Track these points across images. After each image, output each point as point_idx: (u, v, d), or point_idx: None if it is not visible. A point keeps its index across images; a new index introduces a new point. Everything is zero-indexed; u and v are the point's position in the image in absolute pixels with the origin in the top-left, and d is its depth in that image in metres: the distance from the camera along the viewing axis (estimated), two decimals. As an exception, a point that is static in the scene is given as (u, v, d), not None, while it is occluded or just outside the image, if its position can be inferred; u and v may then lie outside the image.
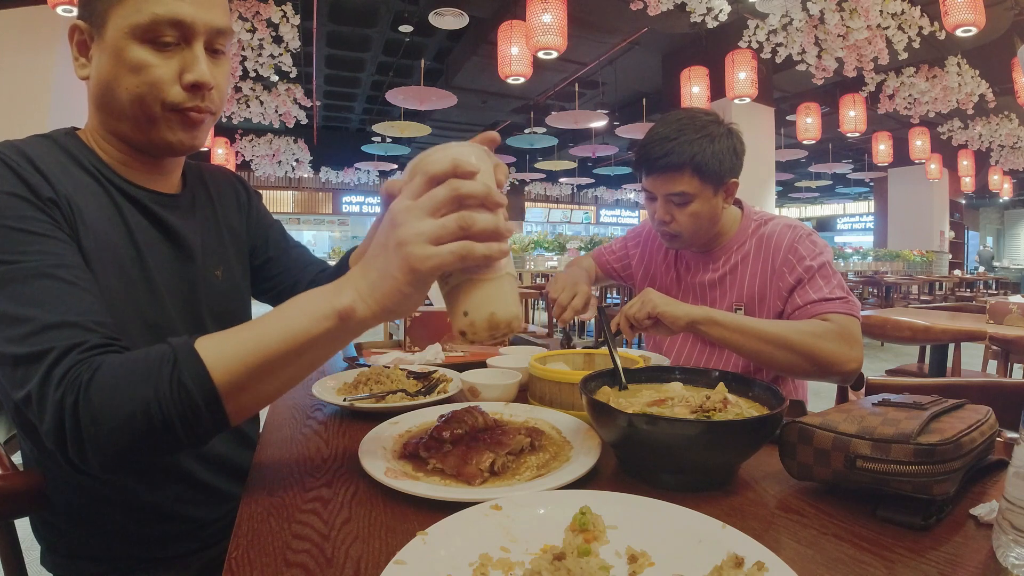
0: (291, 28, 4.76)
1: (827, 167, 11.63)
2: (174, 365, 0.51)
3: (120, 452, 0.51)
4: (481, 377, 1.04)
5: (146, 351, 0.54)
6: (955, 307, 3.06)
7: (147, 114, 0.70)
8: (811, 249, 1.18)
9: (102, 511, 0.77)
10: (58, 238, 0.62)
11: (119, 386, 0.50)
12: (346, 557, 0.51)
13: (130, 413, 0.50)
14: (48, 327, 0.54)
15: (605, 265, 1.57)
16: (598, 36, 6.42)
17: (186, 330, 0.73)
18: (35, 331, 0.54)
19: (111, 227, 0.71)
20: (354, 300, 0.54)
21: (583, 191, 17.48)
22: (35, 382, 0.52)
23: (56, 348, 0.53)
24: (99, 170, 0.73)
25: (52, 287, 0.57)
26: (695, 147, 1.15)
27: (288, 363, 0.54)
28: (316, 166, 12.24)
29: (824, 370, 1.06)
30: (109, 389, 0.50)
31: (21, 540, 0.78)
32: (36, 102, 4.24)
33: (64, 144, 0.73)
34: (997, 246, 17.72)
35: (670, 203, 1.21)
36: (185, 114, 0.71)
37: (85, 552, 0.80)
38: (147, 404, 0.50)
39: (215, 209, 0.89)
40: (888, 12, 4.49)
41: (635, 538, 0.51)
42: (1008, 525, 0.49)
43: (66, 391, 0.51)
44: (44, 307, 0.55)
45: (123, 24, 0.67)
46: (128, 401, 0.50)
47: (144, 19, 0.66)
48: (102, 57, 0.69)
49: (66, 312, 0.56)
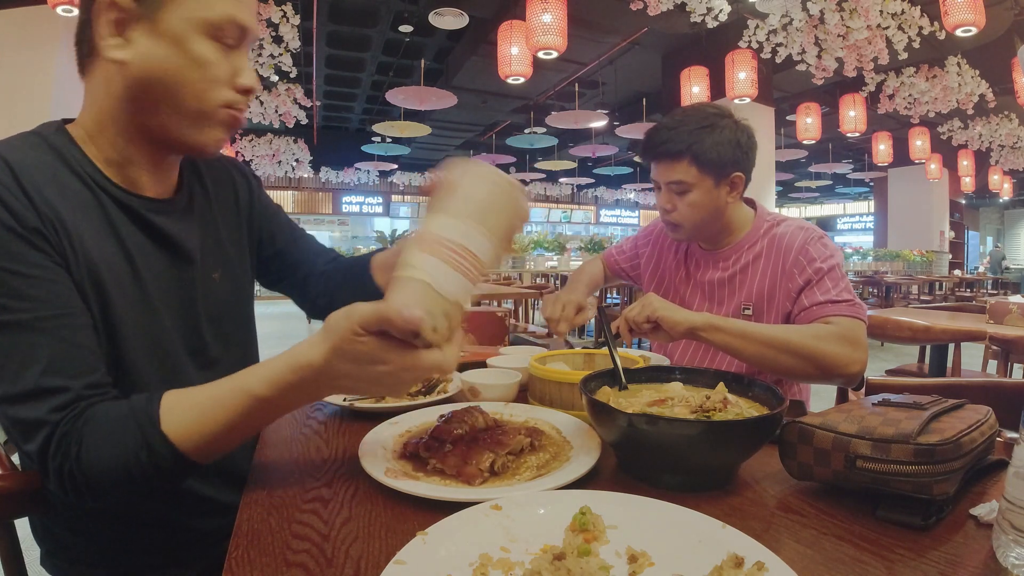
0: (291, 28, 4.76)
1: (827, 167, 11.64)
2: (150, 451, 0.58)
3: (109, 499, 0.62)
4: (481, 377, 1.04)
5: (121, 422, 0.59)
6: (955, 307, 3.05)
7: (203, 110, 0.68)
8: (822, 252, 1.18)
9: (102, 522, 0.78)
10: (47, 277, 0.61)
11: (106, 458, 0.59)
12: (346, 557, 0.51)
13: (115, 480, 0.59)
14: (39, 392, 0.59)
15: (614, 265, 1.58)
16: (598, 36, 6.42)
17: (182, 340, 0.77)
18: (29, 393, 0.59)
19: (103, 243, 0.68)
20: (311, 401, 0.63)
21: (583, 191, 17.48)
22: (36, 449, 0.59)
23: (48, 423, 0.59)
24: (90, 176, 0.69)
25: (41, 345, 0.60)
26: (693, 136, 1.17)
27: (249, 434, 0.64)
28: (316, 166, 12.25)
29: (827, 373, 1.06)
30: (99, 460, 0.59)
31: (21, 540, 0.78)
32: (36, 102, 4.24)
33: (54, 143, 0.69)
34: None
35: (671, 191, 1.23)
36: (230, 112, 0.71)
37: (85, 559, 0.80)
38: (131, 474, 0.59)
39: (212, 208, 0.85)
40: (888, 12, 4.49)
41: (635, 538, 0.51)
42: (1008, 525, 0.49)
43: (63, 461, 0.59)
44: (37, 365, 0.59)
45: (190, 15, 0.65)
46: (116, 471, 0.59)
47: (216, 16, 0.65)
48: (155, 43, 0.65)
49: (55, 374, 0.60)
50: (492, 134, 11.56)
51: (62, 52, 4.31)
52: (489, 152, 12.30)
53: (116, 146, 0.71)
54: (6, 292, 0.59)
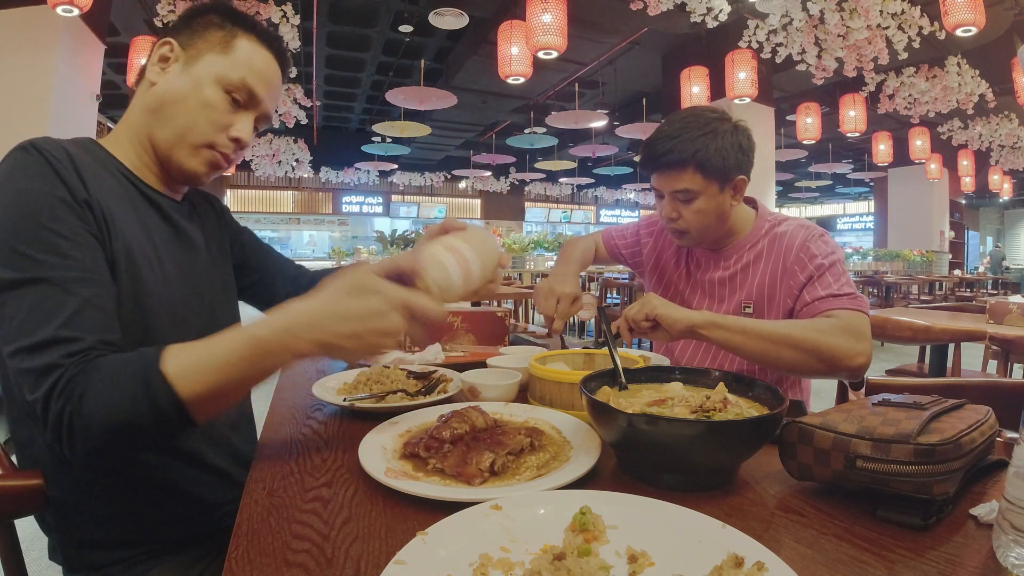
0: (291, 28, 4.76)
1: (827, 167, 11.62)
2: (149, 389, 0.61)
3: (105, 448, 0.64)
4: (481, 377, 1.04)
5: (125, 366, 0.63)
6: (955, 307, 3.05)
7: (194, 140, 0.83)
8: (823, 248, 1.18)
9: (115, 489, 0.79)
10: (84, 243, 0.69)
11: (105, 402, 0.61)
12: (346, 557, 0.51)
13: (115, 424, 0.62)
14: (55, 342, 0.63)
15: (612, 248, 1.55)
16: (598, 36, 6.42)
17: (193, 317, 0.86)
18: (44, 343, 0.63)
19: (135, 228, 0.79)
20: (308, 350, 0.64)
21: (583, 191, 17.47)
22: (41, 394, 0.62)
23: (59, 367, 0.62)
24: (123, 174, 0.83)
25: (66, 304, 0.65)
26: (698, 144, 1.15)
27: (246, 386, 0.67)
28: (316, 166, 12.24)
29: (831, 366, 1.05)
30: (97, 404, 0.61)
31: (21, 540, 0.78)
32: (36, 102, 4.23)
33: (91, 149, 0.82)
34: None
35: (676, 200, 1.21)
36: (216, 154, 0.85)
37: (94, 538, 0.80)
38: (128, 417, 0.61)
39: (202, 218, 1.00)
40: (888, 12, 4.48)
41: (635, 538, 0.51)
42: (1008, 525, 0.49)
43: (65, 403, 0.61)
44: (57, 318, 0.64)
45: (217, 70, 0.82)
46: (113, 415, 0.61)
47: (235, 77, 0.83)
48: (183, 79, 0.82)
49: (73, 328, 0.64)
50: (492, 134, 11.55)
51: (62, 52, 4.30)
52: (489, 152, 12.30)
53: (139, 154, 0.85)
54: (46, 249, 0.66)
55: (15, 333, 0.64)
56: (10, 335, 0.64)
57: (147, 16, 5.57)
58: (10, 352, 0.64)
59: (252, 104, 0.86)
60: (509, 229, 12.39)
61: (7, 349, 0.64)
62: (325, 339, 0.63)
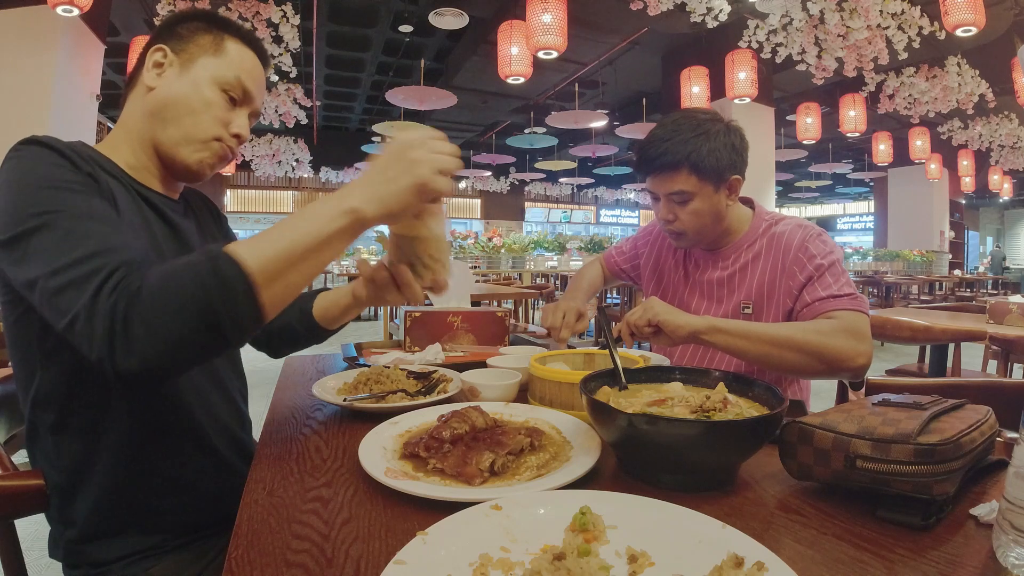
0: (291, 28, 4.76)
1: (827, 167, 11.62)
2: (215, 261, 0.58)
3: (168, 350, 0.57)
4: (481, 377, 1.04)
5: (187, 258, 0.60)
6: (955, 307, 3.05)
7: (197, 136, 0.86)
8: (821, 248, 1.18)
9: (116, 475, 0.79)
10: (101, 197, 0.71)
11: (168, 287, 0.57)
12: (346, 557, 0.51)
13: (179, 307, 0.56)
14: (96, 254, 0.60)
15: (614, 266, 1.59)
16: (598, 36, 6.42)
17: None
18: (83, 258, 0.60)
19: (136, 222, 0.82)
20: (361, 203, 0.66)
21: (583, 191, 17.46)
22: (85, 299, 0.57)
23: (105, 268, 0.59)
24: (118, 177, 0.84)
25: (96, 227, 0.64)
26: (690, 145, 1.15)
27: (308, 257, 0.63)
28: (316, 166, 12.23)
29: (833, 367, 1.05)
30: (159, 291, 0.57)
31: (21, 540, 0.78)
32: (36, 102, 4.23)
33: (88, 153, 0.81)
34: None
35: (672, 202, 1.22)
36: (223, 145, 0.89)
37: (96, 529, 0.80)
38: (195, 297, 0.57)
39: (198, 217, 1.02)
40: (888, 12, 4.48)
41: (635, 538, 0.51)
42: (1008, 525, 0.49)
43: (118, 298, 0.56)
44: (91, 240, 0.62)
45: (212, 72, 0.86)
46: (177, 296, 0.57)
47: (231, 76, 0.87)
48: (179, 82, 0.85)
49: (112, 243, 0.63)
50: (492, 134, 11.55)
51: (62, 52, 4.30)
52: (489, 152, 12.30)
53: (136, 155, 0.88)
54: (62, 201, 0.65)
55: (48, 259, 0.60)
56: (43, 263, 0.61)
57: (147, 16, 5.58)
58: (46, 274, 0.60)
59: (246, 101, 0.91)
60: (509, 229, 12.38)
61: (40, 273, 0.60)
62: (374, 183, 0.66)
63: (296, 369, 1.29)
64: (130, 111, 0.88)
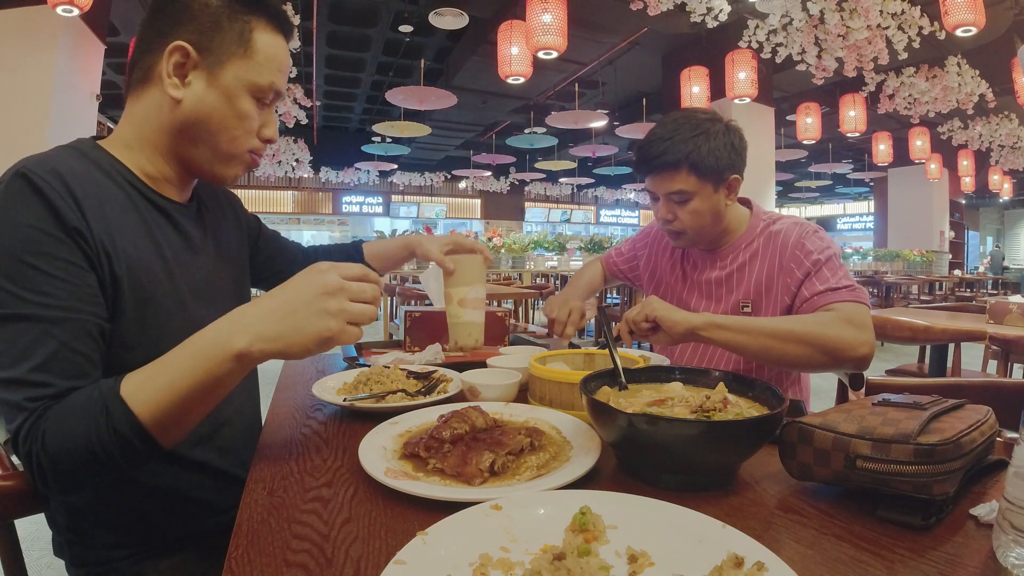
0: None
1: (827, 167, 11.63)
2: (107, 415, 0.61)
3: (73, 484, 0.65)
4: (481, 377, 1.04)
5: (85, 399, 0.63)
6: (955, 307, 3.05)
7: (233, 152, 0.82)
8: (818, 244, 1.18)
9: (125, 495, 0.80)
10: (67, 278, 0.67)
11: (66, 437, 0.62)
12: (346, 557, 0.51)
13: (79, 460, 0.62)
14: (24, 383, 0.63)
15: (613, 268, 1.60)
16: (598, 36, 6.42)
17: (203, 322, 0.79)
18: (15, 382, 0.63)
19: (141, 241, 0.77)
20: (253, 341, 0.62)
21: (583, 191, 17.46)
22: (11, 436, 0.64)
23: (24, 409, 0.63)
24: (128, 180, 0.79)
25: (39, 341, 0.64)
26: (690, 145, 1.16)
27: (203, 399, 0.64)
28: (316, 166, 12.25)
29: (835, 357, 1.04)
30: (60, 441, 0.62)
31: (21, 540, 0.78)
32: (36, 102, 4.22)
33: (92, 156, 0.78)
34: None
35: (671, 202, 1.22)
36: (254, 156, 0.85)
37: (104, 540, 0.81)
38: (93, 449, 0.61)
39: (215, 218, 0.99)
40: (888, 12, 4.48)
41: (635, 538, 0.51)
42: (1008, 525, 0.49)
43: (31, 445, 0.62)
44: (29, 360, 0.64)
45: (243, 77, 0.78)
46: (75, 449, 0.61)
47: (265, 82, 0.80)
48: (208, 91, 0.78)
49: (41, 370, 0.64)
50: (492, 134, 11.55)
51: (62, 52, 4.30)
52: (489, 152, 12.30)
53: (153, 162, 0.82)
54: (26, 285, 0.64)
55: None
56: None
57: (147, 16, 5.56)
58: None
59: (275, 101, 0.85)
60: (509, 229, 12.38)
61: None
62: (276, 320, 0.62)
63: (296, 369, 1.29)
64: (145, 116, 0.80)
